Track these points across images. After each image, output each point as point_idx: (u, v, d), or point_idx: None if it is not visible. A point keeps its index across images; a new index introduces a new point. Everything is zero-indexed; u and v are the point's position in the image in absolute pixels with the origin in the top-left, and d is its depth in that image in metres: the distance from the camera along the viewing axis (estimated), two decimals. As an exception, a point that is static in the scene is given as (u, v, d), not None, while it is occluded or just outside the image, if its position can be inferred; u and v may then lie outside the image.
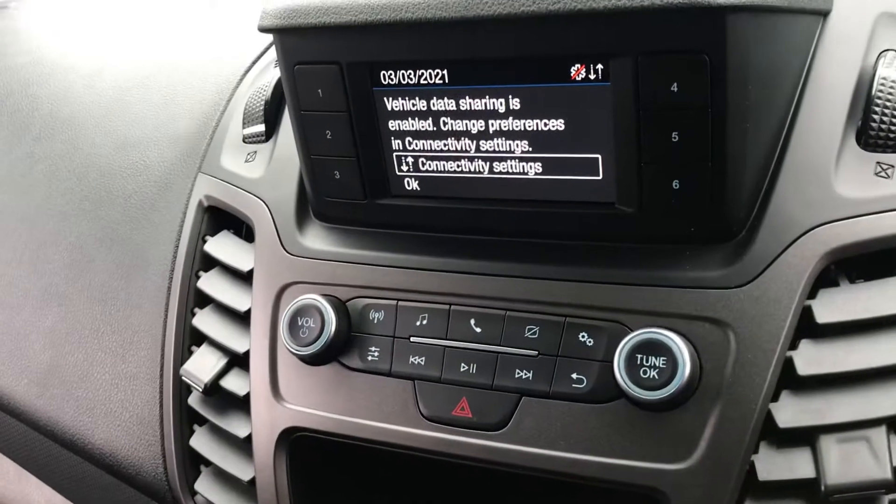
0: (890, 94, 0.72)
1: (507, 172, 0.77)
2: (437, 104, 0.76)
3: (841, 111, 0.74)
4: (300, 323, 0.83)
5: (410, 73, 0.76)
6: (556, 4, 0.66)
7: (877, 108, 0.72)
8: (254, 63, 1.15)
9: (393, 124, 0.79)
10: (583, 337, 0.75)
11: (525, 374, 0.77)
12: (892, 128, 0.72)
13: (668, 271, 0.74)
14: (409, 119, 0.78)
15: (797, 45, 0.76)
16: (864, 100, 0.74)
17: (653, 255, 0.75)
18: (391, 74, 0.77)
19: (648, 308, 0.73)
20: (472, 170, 0.78)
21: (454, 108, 0.76)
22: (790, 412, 0.69)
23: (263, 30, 0.79)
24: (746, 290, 0.71)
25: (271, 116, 1.00)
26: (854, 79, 0.75)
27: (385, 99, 0.78)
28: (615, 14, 0.65)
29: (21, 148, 1.28)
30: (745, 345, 0.70)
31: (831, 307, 0.70)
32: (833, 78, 0.76)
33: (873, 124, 0.72)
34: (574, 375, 0.75)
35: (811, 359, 0.69)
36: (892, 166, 0.71)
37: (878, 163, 0.72)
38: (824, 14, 0.79)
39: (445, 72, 0.74)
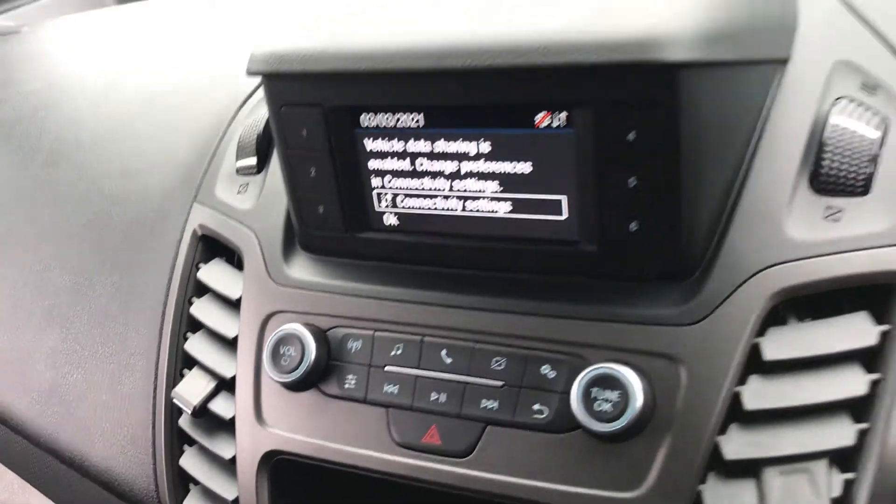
0: (840, 139, 0.75)
1: (479, 211, 0.80)
2: (414, 146, 0.80)
3: (795, 156, 0.77)
4: (282, 351, 0.87)
5: (389, 117, 0.79)
6: (520, 58, 0.70)
7: (826, 153, 0.75)
8: (253, 92, 1.17)
9: (373, 164, 0.83)
10: (545, 369, 0.79)
11: (491, 404, 0.80)
12: (841, 172, 0.74)
13: (627, 308, 0.77)
14: (388, 159, 0.82)
15: (753, 92, 0.78)
16: (817, 145, 0.76)
17: (613, 293, 0.78)
18: (371, 117, 0.80)
19: (606, 343, 0.76)
20: (447, 208, 0.82)
21: (429, 150, 0.79)
22: (737, 445, 0.72)
23: (251, 73, 0.83)
24: (699, 328, 0.74)
25: (263, 150, 1.03)
26: (809, 125, 0.77)
27: (365, 140, 0.82)
28: (575, 68, 0.69)
29: (29, 172, 1.31)
30: (696, 380, 0.73)
31: (779, 344, 0.73)
32: (789, 124, 0.78)
33: (823, 168, 0.75)
34: (536, 406, 0.79)
35: (758, 393, 0.72)
36: (841, 210, 0.74)
37: (827, 206, 0.74)
38: (783, 62, 0.82)
39: (422, 116, 0.78)
